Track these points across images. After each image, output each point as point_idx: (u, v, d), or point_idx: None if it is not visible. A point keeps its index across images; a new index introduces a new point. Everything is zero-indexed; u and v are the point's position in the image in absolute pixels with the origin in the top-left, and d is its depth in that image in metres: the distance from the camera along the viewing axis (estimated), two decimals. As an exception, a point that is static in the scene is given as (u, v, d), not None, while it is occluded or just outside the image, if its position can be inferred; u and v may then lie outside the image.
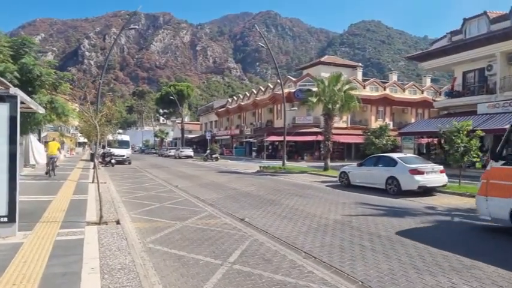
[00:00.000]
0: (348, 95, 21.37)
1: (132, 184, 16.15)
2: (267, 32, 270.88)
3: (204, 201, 11.46)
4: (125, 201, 11.13)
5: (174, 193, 13.34)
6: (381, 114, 45.87)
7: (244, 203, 10.94)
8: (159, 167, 28.66)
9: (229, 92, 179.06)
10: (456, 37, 25.36)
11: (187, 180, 18.08)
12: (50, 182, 14.39)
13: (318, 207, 10.20)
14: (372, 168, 13.99)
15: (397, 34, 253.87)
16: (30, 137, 24.31)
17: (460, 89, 25.74)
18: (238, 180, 18.39)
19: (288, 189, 14.56)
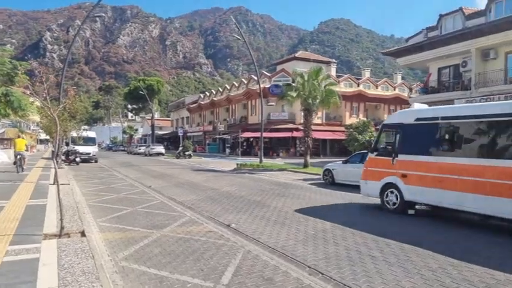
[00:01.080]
0: (329, 90, 20.80)
1: (100, 185, 14.74)
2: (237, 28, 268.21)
3: (182, 203, 10.37)
4: (91, 206, 9.85)
5: (148, 195, 12.13)
6: (355, 111, 46.07)
7: (227, 206, 9.96)
8: (128, 166, 27.02)
9: (200, 87, 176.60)
10: (432, 33, 25.39)
11: (160, 180, 16.83)
12: (3, 185, 12.75)
13: (302, 206, 9.40)
14: (359, 166, 13.32)
15: (365, 33, 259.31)
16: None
17: (436, 85, 25.82)
18: (216, 179, 17.34)
19: (271, 188, 13.70)
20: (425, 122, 8.95)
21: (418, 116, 9.17)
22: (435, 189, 8.23)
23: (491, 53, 21.44)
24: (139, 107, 78.26)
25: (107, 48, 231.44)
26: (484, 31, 20.92)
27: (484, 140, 7.74)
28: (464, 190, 7.63)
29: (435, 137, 8.65)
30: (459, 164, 7.87)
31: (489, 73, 21.52)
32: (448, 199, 7.97)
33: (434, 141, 8.66)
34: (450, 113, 8.72)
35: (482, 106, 9.81)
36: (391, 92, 48.33)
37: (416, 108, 9.73)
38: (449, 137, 8.38)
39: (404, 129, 9.23)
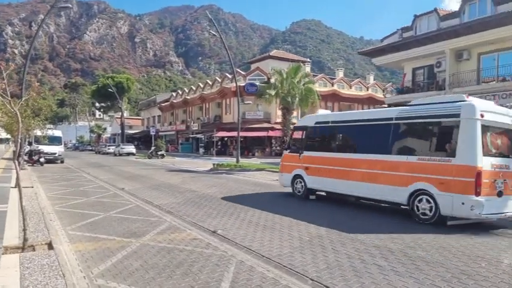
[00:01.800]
0: (308, 89, 20.51)
1: (67, 187, 13.65)
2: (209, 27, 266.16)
3: (160, 207, 9.61)
4: (59, 212, 8.91)
5: (121, 198, 11.26)
6: (330, 110, 46.30)
7: (210, 209, 9.30)
8: (98, 166, 25.66)
9: (171, 86, 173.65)
10: (407, 33, 25.67)
11: (134, 181, 15.87)
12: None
13: (297, 212, 8.91)
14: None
15: (335, 34, 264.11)
16: None
17: (410, 85, 26.15)
18: (193, 180, 16.57)
19: (252, 190, 13.15)
20: (321, 125, 11.20)
21: (317, 120, 11.38)
22: (328, 179, 10.35)
23: (464, 54, 21.87)
24: (107, 105, 75.54)
25: (73, 44, 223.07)
26: (458, 32, 21.29)
27: (363, 139, 9.90)
28: (349, 179, 9.66)
29: (327, 136, 11.25)
30: (345, 158, 9.97)
31: (463, 74, 21.95)
32: (337, 186, 10.11)
33: (327, 140, 11.25)
34: (338, 118, 11.22)
35: (362, 113, 12.78)
36: (364, 92, 49.04)
37: (316, 114, 12.00)
38: (337, 136, 10.87)
39: (307, 130, 11.48)
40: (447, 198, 7.49)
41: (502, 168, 7.74)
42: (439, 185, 7.66)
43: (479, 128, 7.47)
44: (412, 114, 8.81)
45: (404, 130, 8.98)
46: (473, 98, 8.23)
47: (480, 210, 7.16)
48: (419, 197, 8.00)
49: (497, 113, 8.08)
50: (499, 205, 7.58)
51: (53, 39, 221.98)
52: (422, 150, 8.34)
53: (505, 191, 7.65)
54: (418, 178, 8.07)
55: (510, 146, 8.28)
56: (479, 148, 7.38)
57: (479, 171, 7.23)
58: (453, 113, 7.84)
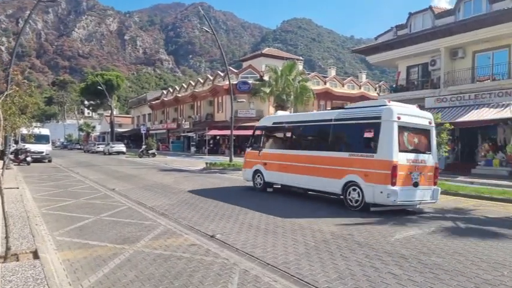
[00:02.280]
0: (303, 86, 20.18)
1: (55, 188, 13.07)
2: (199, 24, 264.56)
3: (154, 209, 9.16)
4: (45, 215, 8.40)
5: (112, 199, 10.76)
6: (322, 108, 46.08)
7: (206, 212, 8.88)
8: (87, 165, 24.99)
9: (162, 84, 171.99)
10: (401, 31, 25.53)
11: (125, 182, 15.34)
12: None
13: (294, 213, 8.56)
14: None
15: (326, 33, 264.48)
16: None
17: (405, 83, 26.02)
18: (187, 180, 16.10)
19: (250, 191, 12.76)
20: (277, 125, 12.78)
21: (274, 121, 12.98)
22: (281, 173, 11.65)
23: (459, 52, 21.76)
24: (97, 103, 74.25)
25: (61, 41, 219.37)
26: (453, 30, 21.15)
27: (309, 137, 11.62)
28: (297, 173, 10.94)
29: (281, 135, 12.74)
30: (294, 154, 11.27)
31: (457, 72, 21.84)
32: (289, 180, 11.44)
33: (280, 139, 12.71)
34: (290, 119, 12.78)
35: (310, 114, 13.69)
36: (356, 90, 48.95)
37: (274, 115, 13.68)
38: (289, 135, 12.29)
39: (266, 130, 12.92)
40: (370, 188, 8.76)
41: (418, 163, 9.01)
42: (364, 176, 8.93)
43: (396, 128, 8.70)
44: (346, 116, 10.09)
45: (340, 130, 10.28)
46: (394, 103, 9.44)
47: (395, 198, 8.41)
48: (350, 188, 9.30)
49: (413, 116, 9.32)
50: (414, 194, 8.91)
51: (40, 36, 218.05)
52: (353, 147, 9.60)
53: (421, 182, 8.93)
54: (349, 171, 9.35)
55: (427, 143, 9.54)
56: (396, 145, 8.60)
57: (395, 165, 8.47)
58: (376, 116, 9.06)
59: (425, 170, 9.09)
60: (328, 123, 10.48)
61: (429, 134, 9.65)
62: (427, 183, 9.12)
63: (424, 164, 9.11)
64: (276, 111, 21.53)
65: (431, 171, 9.32)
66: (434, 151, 9.72)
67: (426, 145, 9.52)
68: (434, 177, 9.42)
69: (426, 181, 9.07)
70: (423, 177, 9.01)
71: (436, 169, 9.51)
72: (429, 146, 9.57)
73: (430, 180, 9.24)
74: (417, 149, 9.22)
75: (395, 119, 8.69)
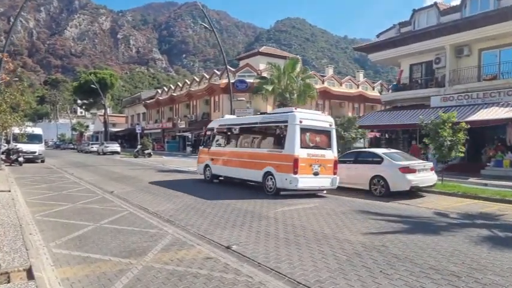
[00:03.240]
0: (306, 84, 19.54)
1: (50, 191, 12.28)
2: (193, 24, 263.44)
3: (158, 215, 8.46)
4: (40, 222, 7.65)
5: (111, 203, 10.03)
6: (320, 108, 45.53)
7: (216, 217, 8.20)
8: (82, 166, 24.11)
9: (155, 83, 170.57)
10: (405, 28, 25.03)
11: (123, 183, 14.58)
12: None
13: (318, 221, 7.90)
14: (352, 166, 12.15)
15: (320, 32, 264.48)
16: None
17: (407, 82, 25.53)
18: (187, 182, 15.36)
19: (256, 194, 12.08)
20: (222, 126, 14.98)
21: (219, 123, 15.38)
22: (223, 167, 14.06)
23: (465, 50, 21.29)
24: (90, 102, 72.91)
25: (53, 40, 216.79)
26: (459, 27, 20.68)
27: (242, 137, 13.70)
28: (234, 166, 13.30)
29: (224, 135, 14.83)
30: (232, 151, 13.76)
31: (463, 70, 21.38)
32: (228, 172, 13.80)
33: (223, 138, 14.84)
34: (231, 121, 14.85)
35: (244, 118, 16.04)
36: (354, 89, 48.48)
37: (220, 118, 16.42)
38: (229, 135, 14.49)
39: (214, 130, 15.29)
40: (280, 177, 11.03)
41: (318, 157, 11.25)
42: (276, 168, 11.22)
43: (298, 129, 10.99)
44: (266, 120, 12.83)
45: (262, 131, 12.94)
46: (299, 110, 11.89)
47: (296, 184, 10.67)
48: (268, 177, 11.52)
49: (315, 120, 11.74)
50: (315, 181, 11.18)
51: (32, 35, 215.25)
52: (270, 145, 12.16)
53: (321, 172, 11.18)
54: (267, 164, 11.63)
55: (327, 141, 11.83)
56: (298, 143, 10.87)
57: (296, 158, 10.72)
58: (284, 120, 11.48)
59: (325, 162, 11.38)
60: (255, 125, 13.26)
61: (329, 134, 11.95)
62: (327, 173, 11.38)
63: (324, 157, 11.43)
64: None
65: (331, 163, 11.54)
66: (334, 147, 11.90)
67: (327, 143, 11.86)
68: (334, 168, 11.56)
69: (326, 171, 11.36)
70: (323, 168, 11.29)
71: (335, 162, 11.65)
72: (329, 143, 11.86)
73: (329, 171, 11.46)
74: (318, 146, 11.61)
75: (298, 122, 11.06)
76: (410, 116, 21.77)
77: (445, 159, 11.96)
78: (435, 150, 12.04)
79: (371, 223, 7.70)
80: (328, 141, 11.86)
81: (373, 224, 7.63)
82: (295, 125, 11.01)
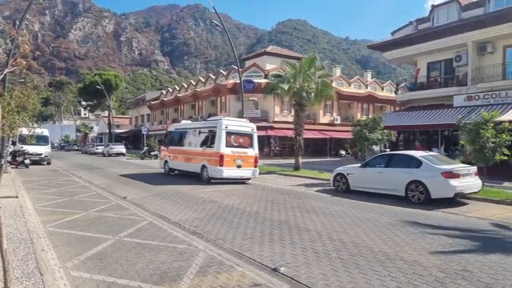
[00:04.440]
0: (324, 83, 18.66)
1: (59, 196, 11.47)
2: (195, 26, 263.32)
3: (181, 226, 7.62)
4: (53, 234, 6.81)
5: (127, 211, 9.20)
6: (329, 109, 44.69)
7: (248, 229, 7.34)
8: (89, 168, 23.33)
9: (157, 85, 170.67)
10: (423, 25, 24.11)
11: (135, 188, 13.76)
12: None
13: (363, 234, 7.02)
14: (384, 170, 11.24)
15: (321, 34, 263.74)
16: None
17: (425, 80, 24.60)
18: (203, 186, 14.52)
19: (281, 199, 11.22)
20: (176, 130, 19.22)
21: (175, 127, 19.99)
22: (176, 162, 17.90)
23: (488, 47, 20.33)
24: (94, 104, 72.38)
25: (57, 42, 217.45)
26: (484, 23, 19.72)
27: (188, 138, 17.10)
28: (182, 161, 17.13)
29: (177, 137, 18.56)
30: (181, 149, 17.41)
31: (486, 68, 20.44)
32: (179, 166, 17.66)
33: (176, 139, 18.50)
34: (181, 126, 19.27)
35: (190, 123, 19.81)
36: (363, 90, 47.54)
37: (177, 123, 21.61)
38: (179, 137, 18.18)
39: (171, 133, 19.49)
40: (210, 168, 14.75)
41: (241, 154, 15.01)
42: (209, 161, 14.93)
43: (224, 133, 14.70)
44: (204, 125, 16.84)
45: (201, 134, 16.35)
46: (226, 118, 16.66)
47: (221, 174, 14.43)
48: (204, 168, 15.29)
49: (239, 126, 15.57)
50: (237, 172, 14.95)
51: (37, 38, 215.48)
52: (206, 144, 15.62)
53: (244, 165, 14.91)
54: (204, 159, 15.39)
55: (249, 142, 15.53)
56: (223, 143, 14.59)
57: (222, 154, 14.41)
58: (215, 125, 15.24)
59: (247, 158, 15.21)
60: (196, 129, 17.01)
61: (252, 136, 15.75)
62: (249, 166, 15.21)
63: (246, 154, 15.23)
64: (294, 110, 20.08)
65: (252, 159, 15.35)
66: (255, 146, 15.73)
67: (249, 143, 15.65)
68: (255, 163, 15.44)
69: (248, 165, 15.17)
70: (245, 162, 15.07)
71: (255, 158, 15.50)
72: (251, 144, 15.67)
73: (251, 164, 15.28)
74: (241, 145, 15.36)
75: (224, 127, 14.88)
76: (432, 116, 20.87)
77: (487, 163, 10.99)
78: (475, 153, 11.10)
79: (432, 238, 6.71)
80: (250, 142, 15.74)
81: (435, 239, 6.64)
82: (221, 130, 14.90)
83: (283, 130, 39.55)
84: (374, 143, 15.18)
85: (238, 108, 42.30)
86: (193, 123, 20.31)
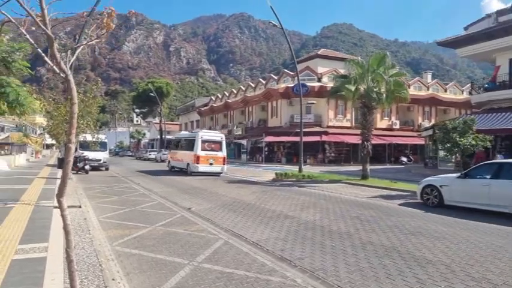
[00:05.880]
0: (397, 82, 16.87)
1: (121, 206, 10.83)
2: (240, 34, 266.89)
3: (262, 248, 6.45)
4: (122, 256, 5.91)
5: (196, 226, 8.22)
6: (387, 113, 42.05)
7: (348, 257, 5.99)
8: (145, 175, 23.17)
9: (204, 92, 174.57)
10: (503, 17, 21.51)
11: (196, 197, 12.89)
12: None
13: (497, 270, 5.43)
14: (493, 182, 9.38)
15: (368, 37, 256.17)
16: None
17: (507, 79, 21.84)
18: (269, 196, 13.35)
19: (364, 214, 9.72)
20: (176, 138, 29.10)
21: (176, 136, 30.80)
22: (174, 161, 26.00)
23: None
24: (147, 111, 74.75)
25: (113, 54, 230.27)
26: None
27: (182, 144, 25.73)
28: (180, 161, 24.71)
29: (176, 143, 27.45)
30: (178, 152, 25.52)
31: None
32: (176, 164, 25.56)
33: (175, 145, 27.37)
34: (179, 136, 29.58)
35: (184, 134, 30.24)
36: (424, 91, 44.30)
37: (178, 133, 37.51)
38: (177, 143, 27.07)
39: (173, 141, 29.51)
40: (191, 165, 22.25)
41: (213, 155, 22.42)
42: (191, 160, 22.29)
43: (200, 141, 22.37)
44: (189, 136, 25.36)
45: (187, 142, 24.24)
46: (202, 130, 27.99)
47: (197, 169, 21.98)
48: (188, 165, 22.57)
49: (210, 136, 23.83)
50: (210, 168, 22.25)
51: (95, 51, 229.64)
52: (190, 149, 22.97)
53: (215, 163, 22.32)
54: (188, 159, 22.82)
55: (219, 147, 23.00)
56: (199, 148, 22.12)
57: (198, 155, 21.98)
58: (194, 136, 23.39)
59: (217, 158, 22.56)
60: (186, 138, 25.44)
61: (221, 143, 23.24)
62: (219, 164, 22.59)
63: (217, 155, 22.61)
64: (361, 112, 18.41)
65: (221, 159, 22.72)
66: (224, 150, 23.21)
67: (219, 148, 23.04)
68: (223, 162, 22.82)
69: (218, 163, 22.52)
70: (216, 161, 22.43)
71: (224, 158, 22.90)
72: (221, 148, 23.08)
73: (220, 163, 22.68)
74: (213, 149, 22.72)
75: (200, 137, 22.47)
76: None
77: None
78: None
79: None
80: (220, 147, 23.18)
81: None
82: (198, 139, 22.43)
83: (338, 135, 37.68)
84: (465, 149, 13.11)
85: (290, 113, 41.14)
86: (184, 134, 30.57)
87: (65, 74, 2.88)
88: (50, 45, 2.87)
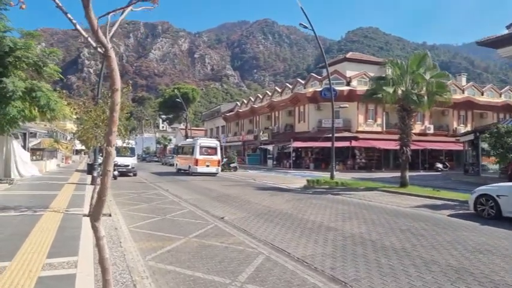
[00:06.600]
0: (439, 84, 15.81)
1: (151, 214, 10.40)
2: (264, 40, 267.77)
3: (309, 265, 5.76)
4: (156, 273, 5.36)
5: (232, 238, 7.61)
6: (420, 117, 40.34)
7: (412, 279, 5.20)
8: (173, 180, 22.89)
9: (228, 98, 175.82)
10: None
11: (228, 205, 12.31)
12: (15, 218, 8.52)
13: None
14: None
15: (395, 40, 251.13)
16: (12, 143, 18.68)
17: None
18: (305, 204, 12.59)
19: (416, 227, 8.81)
20: (181, 144, 36.14)
21: (181, 143, 38.98)
22: (180, 164, 31.57)
23: None
24: (172, 117, 75.47)
25: (139, 62, 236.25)
26: None
27: (185, 149, 31.70)
28: (184, 164, 30.02)
29: (181, 149, 34.19)
30: (183, 156, 31.46)
31: None
32: (181, 167, 30.82)
33: (180, 150, 34.12)
34: (183, 142, 37.16)
35: (186, 141, 36.64)
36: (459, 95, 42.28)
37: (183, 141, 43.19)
38: (182, 149, 33.66)
39: (179, 146, 36.51)
40: (192, 167, 27.64)
41: (209, 159, 27.82)
42: (191, 163, 27.90)
43: (199, 147, 27.80)
44: (191, 142, 30.75)
45: (189, 147, 29.88)
46: (201, 138, 35.20)
47: (196, 170, 27.26)
48: (189, 167, 28.12)
49: (207, 142, 30.40)
50: (207, 169, 27.52)
51: (122, 58, 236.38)
52: (190, 153, 28.79)
53: (211, 165, 27.70)
54: (189, 162, 28.39)
55: (214, 152, 28.66)
56: (198, 152, 27.61)
57: (197, 159, 27.45)
58: (194, 142, 29.30)
59: (212, 161, 27.81)
60: (188, 144, 31.45)
61: (216, 148, 28.75)
62: (214, 166, 27.78)
63: (212, 159, 27.86)
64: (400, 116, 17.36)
65: (216, 162, 27.98)
66: (218, 154, 28.77)
67: (214, 152, 28.41)
68: (218, 164, 28.24)
69: (213, 165, 27.74)
70: (212, 163, 27.67)
71: (218, 161, 28.40)
72: (216, 152, 28.45)
73: (215, 165, 27.91)
74: (209, 154, 28.05)
75: (199, 144, 28.11)
76: None
77: None
78: None
79: None
80: (215, 151, 28.36)
81: None
82: (197, 145, 27.59)
83: (368, 141, 36.41)
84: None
85: (318, 118, 40.21)
86: (187, 141, 35.79)
87: (104, 49, 2.29)
88: (85, 4, 2.30)
